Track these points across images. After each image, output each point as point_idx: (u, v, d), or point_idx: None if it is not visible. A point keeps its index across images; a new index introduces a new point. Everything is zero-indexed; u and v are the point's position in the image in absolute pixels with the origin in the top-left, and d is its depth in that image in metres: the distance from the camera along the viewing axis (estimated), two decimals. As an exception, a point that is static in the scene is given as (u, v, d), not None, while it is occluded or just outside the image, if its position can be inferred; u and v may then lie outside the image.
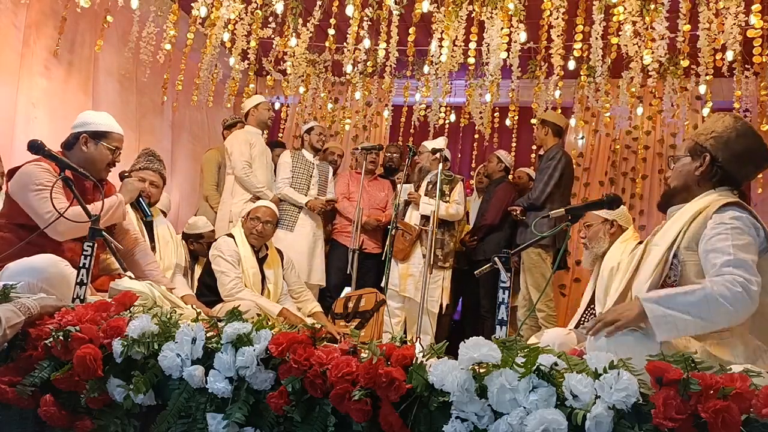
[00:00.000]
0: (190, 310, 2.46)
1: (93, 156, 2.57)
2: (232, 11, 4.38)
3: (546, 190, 4.27)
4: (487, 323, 4.55)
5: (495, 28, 4.05)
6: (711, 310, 1.62)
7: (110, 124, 2.64)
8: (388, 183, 4.97)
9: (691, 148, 1.96)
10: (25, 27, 4.14)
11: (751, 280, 1.65)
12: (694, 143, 1.96)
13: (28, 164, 2.44)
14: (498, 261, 1.90)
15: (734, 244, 1.71)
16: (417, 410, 1.44)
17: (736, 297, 1.62)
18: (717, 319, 1.64)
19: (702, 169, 1.92)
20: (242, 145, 4.50)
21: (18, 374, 1.76)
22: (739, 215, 1.77)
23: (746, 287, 1.63)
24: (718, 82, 4.71)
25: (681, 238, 1.82)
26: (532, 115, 5.21)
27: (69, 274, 2.20)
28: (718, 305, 1.62)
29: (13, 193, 2.42)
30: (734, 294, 1.62)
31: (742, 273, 1.66)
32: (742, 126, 1.94)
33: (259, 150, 4.61)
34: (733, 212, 1.77)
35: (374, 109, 6.17)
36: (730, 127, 1.93)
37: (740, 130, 1.93)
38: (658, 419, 1.25)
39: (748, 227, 1.75)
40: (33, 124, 4.15)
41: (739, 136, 1.91)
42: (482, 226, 4.66)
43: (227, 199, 4.54)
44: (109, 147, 2.59)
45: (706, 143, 1.93)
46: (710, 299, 1.63)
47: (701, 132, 1.98)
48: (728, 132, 1.92)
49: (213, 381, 1.61)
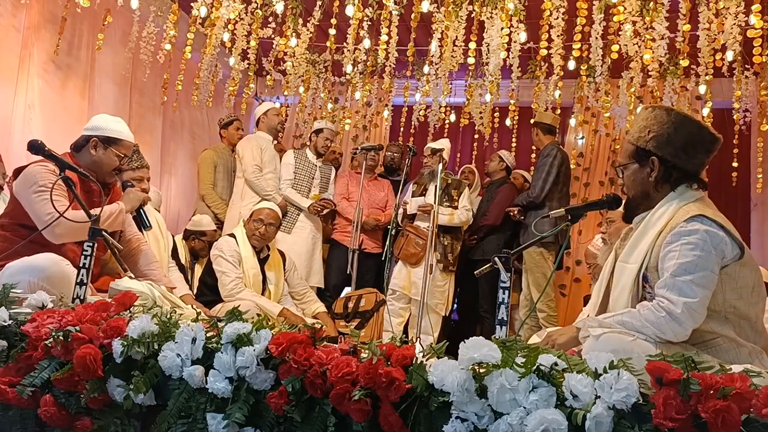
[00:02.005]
0: (190, 310, 2.46)
1: (101, 160, 2.59)
2: (232, 11, 4.38)
3: (545, 187, 4.27)
4: (485, 323, 4.56)
5: (495, 28, 4.06)
6: (643, 332, 1.69)
7: (122, 131, 2.65)
8: (387, 183, 4.97)
9: (635, 153, 1.90)
10: (24, 29, 4.15)
11: (677, 302, 1.67)
12: (636, 148, 1.90)
13: (33, 164, 2.44)
14: (498, 261, 1.90)
15: (678, 263, 1.70)
16: (417, 410, 1.44)
17: (660, 322, 1.68)
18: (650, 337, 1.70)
19: (655, 174, 1.86)
20: (254, 149, 4.56)
21: (18, 374, 1.76)
22: (695, 229, 1.71)
23: (670, 311, 1.67)
24: (718, 82, 4.72)
25: (648, 259, 1.80)
26: (532, 115, 5.21)
27: (70, 273, 2.21)
28: (647, 329, 1.69)
29: (17, 192, 2.43)
30: (658, 319, 1.68)
31: (670, 295, 1.69)
32: (676, 117, 1.86)
33: (269, 156, 4.66)
34: (691, 226, 1.72)
35: (374, 109, 6.17)
36: (665, 122, 1.86)
37: (676, 121, 1.85)
38: (658, 419, 1.25)
39: (703, 241, 1.69)
40: (30, 126, 4.15)
41: (678, 128, 1.84)
42: (484, 225, 4.66)
43: (237, 201, 4.57)
44: (117, 154, 2.61)
45: (648, 146, 1.87)
46: (639, 325, 1.70)
47: (639, 135, 1.90)
48: (665, 128, 1.85)
49: (213, 381, 1.61)
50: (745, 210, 5.58)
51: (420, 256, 4.28)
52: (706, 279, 1.68)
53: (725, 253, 1.71)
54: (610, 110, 5.04)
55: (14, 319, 1.88)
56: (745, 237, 5.42)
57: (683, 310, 1.66)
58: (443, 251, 4.33)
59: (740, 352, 1.69)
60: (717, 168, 5.46)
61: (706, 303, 1.69)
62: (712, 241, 1.70)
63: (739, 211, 5.54)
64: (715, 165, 5.46)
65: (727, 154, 5.13)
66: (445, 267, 4.32)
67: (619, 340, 1.63)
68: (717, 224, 1.73)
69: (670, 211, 1.82)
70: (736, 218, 5.48)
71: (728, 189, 5.33)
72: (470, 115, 5.45)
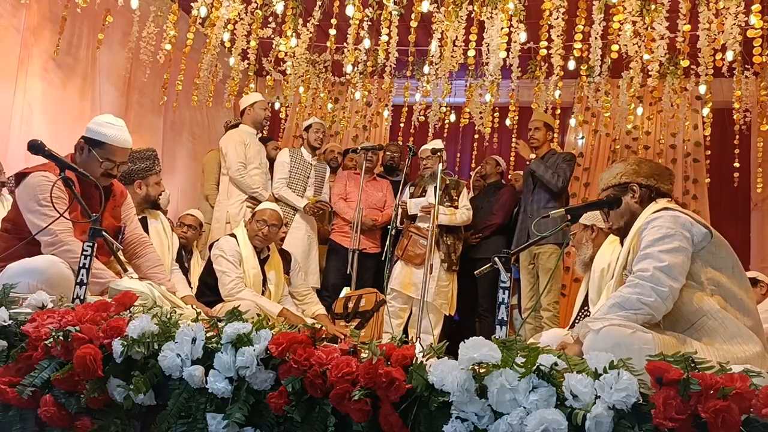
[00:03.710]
0: (190, 310, 2.46)
1: (84, 162, 2.49)
2: (232, 11, 4.38)
3: (566, 185, 4.24)
4: (484, 322, 4.56)
5: (495, 28, 4.05)
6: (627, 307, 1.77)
7: (109, 134, 2.50)
8: (386, 183, 4.97)
9: (613, 196, 2.11)
10: (24, 29, 4.14)
11: (646, 269, 1.80)
12: (613, 187, 2.12)
13: (36, 174, 2.41)
14: (498, 261, 1.90)
15: (647, 240, 1.87)
16: (417, 410, 1.44)
17: (639, 291, 1.78)
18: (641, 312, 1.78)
19: (638, 194, 2.07)
20: (237, 145, 4.48)
21: (18, 374, 1.76)
22: (661, 215, 1.90)
23: (642, 276, 1.79)
24: (718, 82, 4.72)
25: (631, 254, 1.96)
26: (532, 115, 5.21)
27: (69, 275, 2.20)
28: (631, 302, 1.77)
29: (19, 199, 2.42)
30: (635, 287, 1.79)
31: (641, 265, 1.82)
32: (633, 161, 2.15)
33: (254, 150, 4.58)
34: (658, 214, 1.91)
35: (374, 109, 6.17)
36: (627, 165, 2.12)
37: (635, 162, 2.13)
38: (658, 419, 1.25)
39: (668, 222, 1.86)
40: (30, 125, 4.15)
41: (640, 165, 2.11)
42: (491, 224, 4.66)
43: (223, 200, 4.54)
44: (99, 157, 2.48)
45: (621, 181, 2.10)
46: (622, 301, 1.79)
47: (609, 183, 2.14)
48: (629, 167, 2.11)
49: (213, 381, 1.61)
50: (745, 210, 5.58)
51: (424, 257, 4.27)
52: (673, 248, 1.81)
53: (693, 232, 1.85)
54: (610, 110, 5.05)
55: (14, 319, 1.88)
56: (745, 237, 5.46)
57: (653, 272, 1.78)
58: (447, 251, 4.33)
59: (726, 325, 1.75)
60: (717, 168, 5.46)
61: (678, 270, 1.79)
62: (677, 221, 1.86)
63: (739, 211, 5.54)
64: (715, 165, 5.51)
65: (727, 154, 5.13)
66: (449, 267, 4.33)
67: (618, 333, 1.65)
68: (680, 212, 1.91)
69: (644, 215, 2.01)
70: (736, 218, 5.50)
71: (728, 189, 5.33)
72: (470, 115, 5.45)
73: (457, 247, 4.41)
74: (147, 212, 3.39)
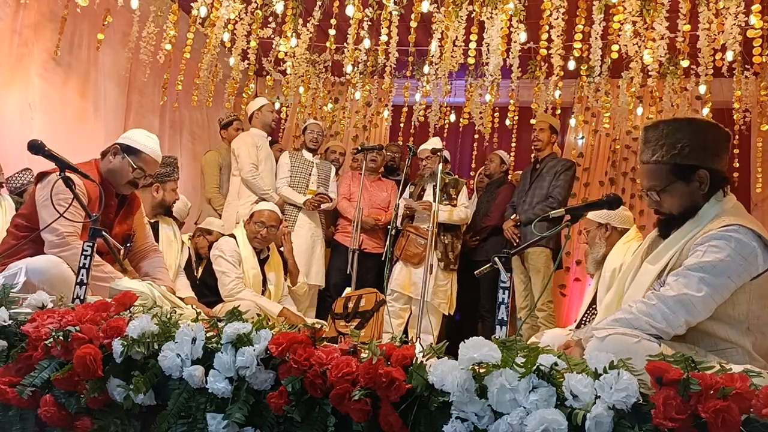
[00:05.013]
0: (190, 310, 2.46)
1: (115, 168, 2.61)
2: (232, 11, 4.38)
3: (565, 202, 4.22)
4: (486, 323, 4.55)
5: (495, 28, 4.05)
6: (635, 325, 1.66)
7: (147, 144, 2.67)
8: (391, 183, 4.98)
9: (674, 171, 1.81)
10: (24, 28, 4.14)
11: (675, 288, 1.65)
12: (674, 166, 1.80)
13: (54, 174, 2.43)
14: (498, 261, 1.89)
15: (698, 260, 1.67)
16: (417, 410, 1.43)
17: (651, 311, 1.66)
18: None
19: (707, 186, 1.79)
20: (249, 147, 4.55)
21: (18, 374, 1.76)
22: (728, 235, 1.67)
23: (662, 297, 1.66)
24: (718, 82, 4.72)
25: (675, 260, 1.76)
26: (532, 115, 5.21)
27: (69, 275, 2.21)
28: (639, 321, 1.67)
29: (38, 195, 2.46)
30: (650, 308, 1.66)
31: (673, 283, 1.67)
32: (697, 122, 1.84)
33: (265, 153, 4.66)
34: (725, 231, 1.68)
35: (374, 109, 6.17)
36: (694, 130, 1.80)
37: (701, 126, 1.82)
38: (658, 419, 1.25)
39: (732, 248, 1.65)
40: (31, 125, 4.15)
41: (707, 134, 1.80)
42: (487, 226, 4.65)
43: (233, 200, 4.56)
44: (132, 164, 2.61)
45: (690, 161, 1.79)
46: (631, 318, 1.68)
47: (671, 152, 1.80)
48: (697, 136, 1.79)
49: (213, 381, 1.61)
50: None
51: (422, 256, 4.27)
52: (718, 282, 1.63)
53: (755, 264, 1.66)
54: (610, 110, 5.04)
55: (14, 319, 1.88)
56: (745, 237, 5.45)
57: (678, 299, 1.64)
58: (444, 249, 4.33)
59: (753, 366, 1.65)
60: (717, 168, 5.44)
61: (708, 305, 1.64)
62: (743, 250, 1.65)
63: (739, 211, 5.53)
64: (715, 165, 5.50)
65: (727, 154, 5.12)
66: (446, 265, 4.33)
67: (623, 342, 1.61)
68: (753, 234, 1.68)
69: (709, 218, 1.78)
70: (736, 218, 5.49)
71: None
72: (470, 115, 5.45)
73: (455, 246, 4.39)
74: (160, 218, 3.43)
